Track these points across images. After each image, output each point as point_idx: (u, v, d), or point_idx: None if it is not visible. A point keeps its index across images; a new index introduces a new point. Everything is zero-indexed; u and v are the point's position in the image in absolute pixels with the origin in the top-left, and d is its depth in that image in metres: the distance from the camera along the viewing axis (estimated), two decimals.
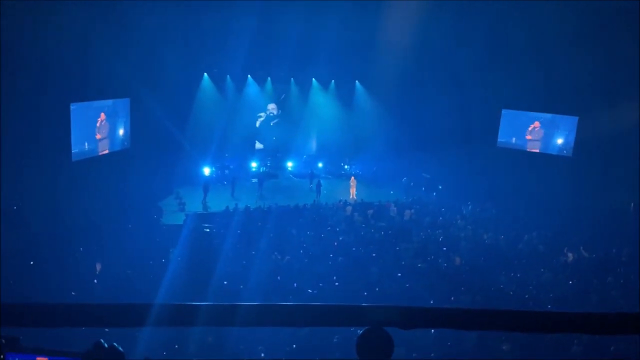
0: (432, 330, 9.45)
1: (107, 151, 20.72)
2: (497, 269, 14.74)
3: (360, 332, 1.36)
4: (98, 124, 20.05)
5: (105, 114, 20.31)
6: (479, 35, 22.10)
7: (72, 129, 17.85)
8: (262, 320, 1.40)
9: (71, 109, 17.83)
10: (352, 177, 25.27)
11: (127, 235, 16.56)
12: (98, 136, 20.16)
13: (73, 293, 11.56)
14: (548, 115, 23.37)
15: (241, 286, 12.64)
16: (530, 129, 23.76)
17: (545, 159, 23.61)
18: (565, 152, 22.98)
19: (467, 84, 23.97)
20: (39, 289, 11.32)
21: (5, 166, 15.50)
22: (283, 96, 29.37)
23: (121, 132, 21.51)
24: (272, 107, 29.62)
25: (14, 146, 15.76)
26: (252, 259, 14.57)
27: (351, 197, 24.04)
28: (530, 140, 23.83)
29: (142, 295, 11.58)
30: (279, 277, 13.45)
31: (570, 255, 15.98)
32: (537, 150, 23.72)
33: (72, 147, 18.25)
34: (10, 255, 13.72)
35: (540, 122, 23.53)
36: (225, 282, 12.89)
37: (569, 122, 22.60)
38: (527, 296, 13.18)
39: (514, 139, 24.41)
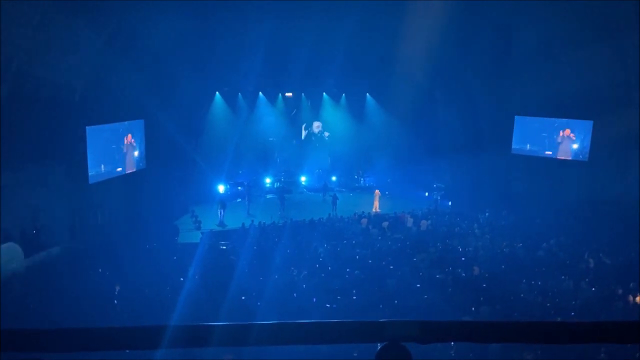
0: (452, 344, 9.31)
1: (134, 169, 20.93)
2: (517, 277, 14.51)
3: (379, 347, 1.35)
4: (125, 145, 20.44)
5: (131, 135, 20.71)
6: (489, 43, 22.07)
7: (88, 151, 18.06)
8: (279, 338, 1.39)
9: (87, 132, 18.06)
10: (377, 190, 25.25)
11: (144, 255, 16.69)
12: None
13: (96, 313, 11.62)
14: (563, 120, 23.05)
15: (259, 303, 12.61)
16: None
17: (561, 165, 23.31)
18: (580, 156, 22.65)
19: (479, 92, 23.91)
20: (59, 311, 11.41)
21: (24, 189, 15.80)
22: (294, 111, 29.56)
23: (136, 153, 21.78)
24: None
25: (32, 170, 16.05)
26: (269, 275, 14.55)
27: (374, 209, 24.04)
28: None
29: (161, 314, 11.61)
30: (295, 294, 13.38)
31: (591, 261, 15.69)
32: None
33: (89, 170, 18.45)
34: (29, 277, 13.92)
35: (570, 129, 22.81)
36: (243, 298, 12.89)
37: (584, 127, 22.30)
38: (549, 304, 12.95)
39: (528, 145, 24.12)
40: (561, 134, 23.05)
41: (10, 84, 14.23)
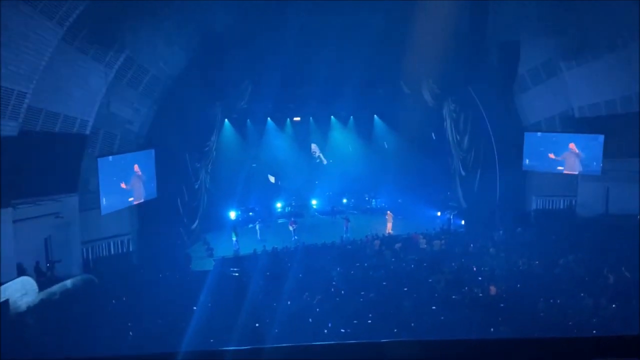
0: None
1: (142, 200, 20.62)
2: (535, 296, 14.23)
3: None
4: (133, 176, 20.22)
5: (137, 165, 20.49)
6: (495, 60, 22.04)
7: (100, 182, 18.11)
8: None
9: (98, 163, 18.16)
10: (389, 212, 25.14)
11: (158, 284, 16.65)
12: (138, 185, 20.32)
13: (111, 343, 11.55)
14: (569, 135, 22.71)
15: (276, 330, 12.45)
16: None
17: (573, 179, 23.02)
18: (593, 171, 22.29)
19: (487, 110, 23.79)
20: (74, 343, 11.37)
21: (37, 222, 15.94)
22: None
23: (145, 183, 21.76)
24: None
25: (45, 203, 16.22)
26: (282, 301, 14.41)
27: (387, 231, 23.90)
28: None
29: (174, 343, 11.50)
30: (310, 320, 13.21)
31: (610, 277, 15.35)
32: (576, 172, 22.49)
33: (101, 201, 18.45)
34: (43, 310, 13.92)
35: (575, 143, 22.34)
36: (257, 325, 12.75)
37: (595, 141, 22.01)
38: (570, 323, 12.65)
39: (536, 162, 23.69)
40: (570, 147, 22.60)
41: (23, 119, 14.50)
